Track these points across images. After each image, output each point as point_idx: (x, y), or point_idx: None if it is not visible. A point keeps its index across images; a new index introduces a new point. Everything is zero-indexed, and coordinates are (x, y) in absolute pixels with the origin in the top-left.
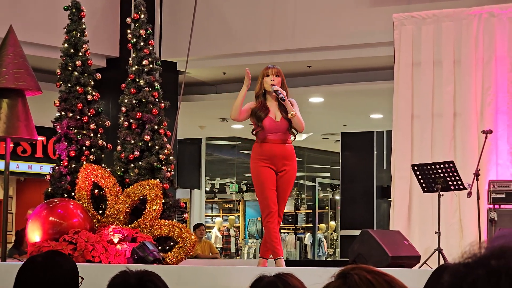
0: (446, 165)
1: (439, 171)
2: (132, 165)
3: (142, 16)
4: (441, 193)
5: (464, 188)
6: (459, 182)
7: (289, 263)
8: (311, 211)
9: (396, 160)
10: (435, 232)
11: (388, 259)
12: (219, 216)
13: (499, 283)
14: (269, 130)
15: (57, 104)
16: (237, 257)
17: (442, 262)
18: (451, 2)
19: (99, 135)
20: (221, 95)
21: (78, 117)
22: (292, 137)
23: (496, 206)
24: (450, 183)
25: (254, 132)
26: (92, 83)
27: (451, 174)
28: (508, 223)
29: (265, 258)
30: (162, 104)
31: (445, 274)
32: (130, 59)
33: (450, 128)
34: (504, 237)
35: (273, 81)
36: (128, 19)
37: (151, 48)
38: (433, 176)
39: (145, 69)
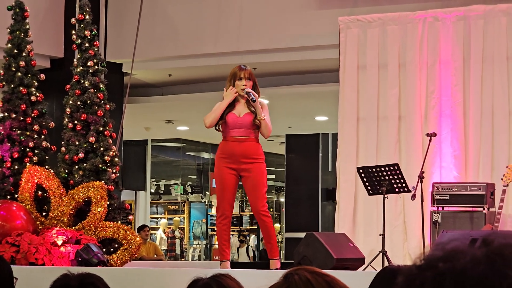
0: (391, 168)
1: (384, 173)
2: (76, 166)
3: (87, 16)
4: (386, 195)
5: (409, 191)
6: (404, 185)
7: (233, 265)
8: None
9: (341, 162)
10: (380, 234)
11: (333, 261)
12: (164, 217)
13: (443, 286)
14: (231, 126)
15: (0, 105)
16: (182, 259)
17: (386, 264)
18: (396, 6)
19: (43, 137)
20: (167, 97)
21: (21, 118)
22: (255, 133)
23: (440, 209)
24: (395, 185)
25: (218, 127)
26: (36, 84)
27: (396, 177)
28: (452, 225)
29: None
30: (107, 106)
31: (400, 275)
32: (75, 60)
33: (395, 131)
34: (458, 239)
35: (245, 85)
36: (73, 20)
37: (96, 49)
38: (378, 178)
39: (90, 70)
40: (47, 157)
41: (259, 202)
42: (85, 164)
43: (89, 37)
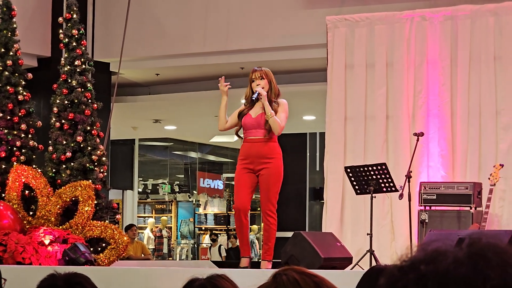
0: (379, 167)
1: (372, 173)
2: (64, 166)
3: (75, 15)
4: (373, 195)
5: (396, 190)
6: (391, 184)
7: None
8: None
9: (329, 162)
10: (367, 234)
11: (320, 261)
12: (152, 217)
13: None
14: (247, 127)
15: None
16: (170, 258)
17: (373, 263)
18: (383, 5)
19: (30, 136)
20: (154, 96)
21: (8, 117)
22: (270, 133)
23: (427, 208)
24: (383, 185)
25: (237, 133)
26: (23, 83)
27: (383, 176)
28: (439, 225)
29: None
30: (95, 105)
31: (381, 277)
32: (62, 59)
33: (383, 130)
34: (439, 240)
35: (258, 85)
36: (60, 19)
37: (83, 48)
38: (365, 178)
39: (78, 70)
40: (34, 156)
41: (267, 202)
42: (72, 164)
43: (76, 36)
